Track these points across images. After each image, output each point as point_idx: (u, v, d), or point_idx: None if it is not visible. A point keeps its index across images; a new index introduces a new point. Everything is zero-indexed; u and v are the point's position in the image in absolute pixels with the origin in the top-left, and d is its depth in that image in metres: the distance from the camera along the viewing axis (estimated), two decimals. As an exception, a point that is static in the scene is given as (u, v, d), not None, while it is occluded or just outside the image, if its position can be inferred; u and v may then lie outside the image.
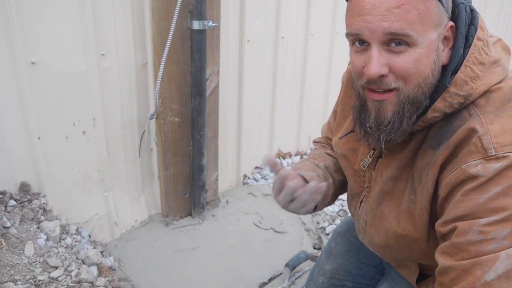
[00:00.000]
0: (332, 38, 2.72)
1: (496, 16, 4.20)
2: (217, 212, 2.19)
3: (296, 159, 2.74)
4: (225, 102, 2.20)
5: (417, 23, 0.74)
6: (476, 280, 0.71)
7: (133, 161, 1.96)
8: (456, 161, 0.78)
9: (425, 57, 0.77)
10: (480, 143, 0.75)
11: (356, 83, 0.86)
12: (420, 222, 0.87)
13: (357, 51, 0.81)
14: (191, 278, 1.76)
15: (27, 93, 1.53)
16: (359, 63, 0.81)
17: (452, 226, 0.76)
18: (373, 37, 0.76)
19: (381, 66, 0.77)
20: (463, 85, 0.79)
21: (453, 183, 0.77)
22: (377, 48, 0.77)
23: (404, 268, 1.09)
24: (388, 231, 0.96)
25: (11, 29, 1.43)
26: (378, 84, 0.79)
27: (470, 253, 0.73)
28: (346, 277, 1.30)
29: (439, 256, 0.79)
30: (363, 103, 0.86)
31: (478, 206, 0.73)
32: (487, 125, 0.76)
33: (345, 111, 1.10)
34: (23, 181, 1.63)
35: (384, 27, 0.74)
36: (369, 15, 0.75)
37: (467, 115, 0.80)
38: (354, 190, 1.08)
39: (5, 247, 1.44)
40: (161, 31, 1.73)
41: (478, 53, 0.80)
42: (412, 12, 0.73)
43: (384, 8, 0.73)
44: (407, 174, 0.90)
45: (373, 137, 0.85)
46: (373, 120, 0.84)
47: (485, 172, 0.73)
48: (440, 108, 0.81)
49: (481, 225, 0.72)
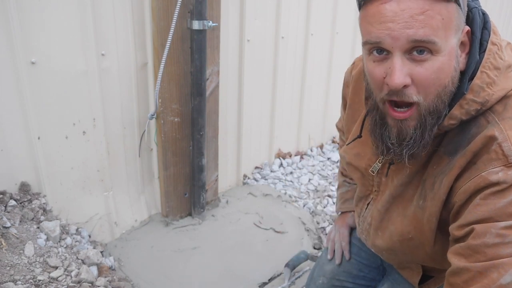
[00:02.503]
0: (332, 38, 2.72)
1: (496, 16, 4.20)
2: (217, 212, 2.19)
3: (296, 159, 2.74)
4: (225, 102, 2.20)
5: (441, 29, 0.72)
6: (491, 282, 0.70)
7: (133, 161, 1.96)
8: (475, 168, 0.77)
9: (447, 65, 0.75)
10: (501, 150, 0.74)
11: (375, 95, 0.83)
12: (428, 227, 0.87)
13: (375, 60, 0.78)
14: (191, 278, 1.76)
15: (27, 93, 1.53)
16: (379, 73, 0.78)
17: (469, 229, 0.75)
18: (396, 45, 0.73)
19: (404, 76, 0.74)
20: (480, 91, 0.78)
21: (472, 190, 0.76)
22: (400, 56, 0.74)
23: (406, 269, 1.09)
24: (393, 234, 0.96)
25: (11, 29, 1.42)
26: (400, 95, 0.76)
27: (486, 255, 0.72)
28: (347, 278, 1.30)
29: (453, 257, 0.78)
30: (382, 118, 0.83)
31: (497, 209, 0.72)
32: (506, 132, 0.75)
33: (355, 116, 1.08)
34: (23, 181, 1.63)
35: (408, 34, 0.71)
36: (392, 23, 0.72)
37: (484, 122, 0.79)
38: (362, 192, 1.08)
39: (5, 247, 1.44)
40: (161, 31, 1.72)
41: (493, 58, 0.78)
42: (436, 18, 0.71)
43: (407, 15, 0.71)
44: (418, 180, 0.89)
45: (395, 152, 0.83)
46: (395, 137, 0.82)
47: (507, 178, 0.72)
48: (457, 115, 0.79)
49: (499, 228, 0.71)
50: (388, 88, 0.77)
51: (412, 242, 0.92)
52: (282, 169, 2.65)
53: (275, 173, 2.59)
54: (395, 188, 0.93)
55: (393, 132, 0.82)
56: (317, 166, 2.76)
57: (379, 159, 0.98)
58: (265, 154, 2.64)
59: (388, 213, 0.97)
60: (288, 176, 2.61)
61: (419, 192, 0.88)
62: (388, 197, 0.96)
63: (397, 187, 0.93)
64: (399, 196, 0.94)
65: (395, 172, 0.94)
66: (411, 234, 0.91)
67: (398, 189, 0.93)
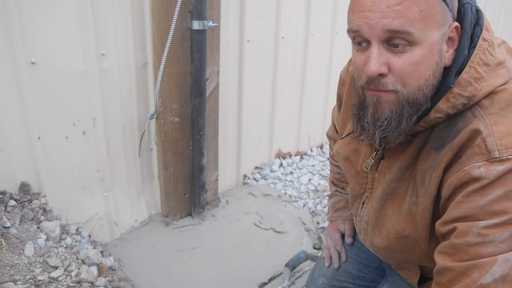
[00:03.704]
0: (332, 38, 2.72)
1: (496, 16, 4.20)
2: (217, 212, 2.19)
3: (296, 159, 2.74)
4: (225, 102, 2.20)
5: (418, 21, 0.73)
6: (472, 282, 0.71)
7: (133, 161, 1.96)
8: (460, 162, 0.77)
9: (427, 58, 0.76)
10: (484, 144, 0.74)
11: (356, 82, 0.85)
12: (422, 223, 0.87)
13: (358, 50, 0.81)
14: (191, 278, 1.76)
15: (27, 93, 1.53)
16: (359, 61, 0.80)
17: (452, 227, 0.76)
18: (373, 34, 0.75)
19: (380, 65, 0.76)
20: (467, 85, 0.78)
21: (455, 185, 0.77)
22: (377, 46, 0.76)
23: (404, 270, 1.09)
24: (390, 232, 0.96)
25: (11, 29, 1.42)
26: (376, 84, 0.78)
27: (468, 254, 0.73)
28: (347, 279, 1.30)
29: (438, 256, 0.79)
30: (362, 101, 0.86)
31: (479, 208, 0.72)
32: (491, 127, 0.75)
33: (350, 112, 1.09)
34: (23, 181, 1.63)
35: (384, 24, 0.73)
36: (369, 12, 0.74)
37: (471, 116, 0.79)
38: (356, 191, 1.08)
39: (5, 247, 1.44)
40: (161, 31, 1.72)
41: (483, 54, 0.79)
42: (413, 9, 0.72)
43: (384, 5, 0.73)
44: (409, 175, 0.90)
45: (368, 133, 0.85)
46: (371, 115, 0.83)
47: (488, 174, 0.72)
48: (443, 109, 0.80)
49: (480, 227, 0.72)
50: (366, 76, 0.79)
51: (408, 240, 0.93)
52: (282, 169, 2.65)
53: (275, 173, 2.59)
54: (387, 184, 0.94)
55: (369, 111, 0.83)
56: (317, 166, 2.76)
57: (372, 155, 0.98)
58: (265, 154, 2.64)
59: (383, 210, 0.97)
60: (288, 176, 2.61)
61: (412, 188, 0.89)
62: (382, 194, 0.96)
63: (389, 183, 0.93)
64: (392, 193, 0.94)
65: (386, 167, 0.94)
66: (407, 231, 0.91)
67: (391, 185, 0.93)
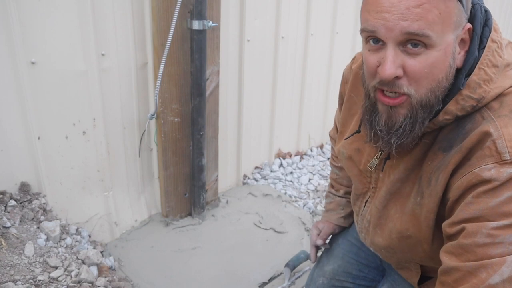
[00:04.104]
0: (332, 38, 2.72)
1: (496, 16, 4.19)
2: (217, 212, 2.19)
3: (296, 159, 2.74)
4: (225, 102, 2.20)
5: (437, 24, 0.71)
6: (480, 282, 0.71)
7: (133, 161, 1.96)
8: (469, 164, 0.76)
9: (441, 61, 0.75)
10: (494, 146, 0.74)
11: (367, 82, 0.83)
12: (425, 224, 0.87)
13: (370, 49, 0.79)
14: (191, 278, 1.76)
15: (27, 93, 1.53)
16: (373, 62, 0.78)
17: (460, 227, 0.76)
18: (390, 36, 0.73)
19: (396, 67, 0.74)
20: (477, 87, 0.77)
21: (465, 187, 0.76)
22: (393, 48, 0.74)
23: (405, 269, 1.09)
24: (392, 232, 0.95)
25: (11, 29, 1.42)
26: (390, 86, 0.77)
27: (476, 255, 0.72)
28: (347, 278, 1.30)
29: (444, 255, 0.78)
30: (373, 104, 0.84)
31: (489, 209, 0.72)
32: (501, 129, 0.75)
33: (352, 110, 1.08)
34: (23, 181, 1.63)
35: (402, 26, 0.71)
36: (387, 13, 0.72)
37: (480, 118, 0.78)
38: (359, 190, 1.07)
39: (5, 247, 1.44)
40: (161, 31, 1.72)
41: (492, 55, 0.78)
42: (433, 12, 0.70)
43: (404, 7, 0.71)
44: (414, 176, 0.89)
45: (383, 140, 0.83)
46: (384, 123, 0.82)
47: (498, 176, 0.72)
48: (452, 110, 0.79)
49: (490, 228, 0.71)
50: (379, 78, 0.77)
51: (410, 240, 0.92)
52: (282, 169, 2.65)
53: (275, 173, 2.59)
54: (392, 184, 0.93)
55: (382, 118, 0.82)
56: (317, 166, 2.76)
57: (377, 155, 0.98)
58: (265, 154, 2.64)
59: (386, 210, 0.97)
60: (288, 176, 2.61)
61: (416, 189, 0.88)
62: (385, 194, 0.95)
63: (393, 183, 0.93)
64: (396, 193, 0.94)
65: (391, 167, 0.94)
66: (409, 232, 0.91)
67: (395, 185, 0.93)
